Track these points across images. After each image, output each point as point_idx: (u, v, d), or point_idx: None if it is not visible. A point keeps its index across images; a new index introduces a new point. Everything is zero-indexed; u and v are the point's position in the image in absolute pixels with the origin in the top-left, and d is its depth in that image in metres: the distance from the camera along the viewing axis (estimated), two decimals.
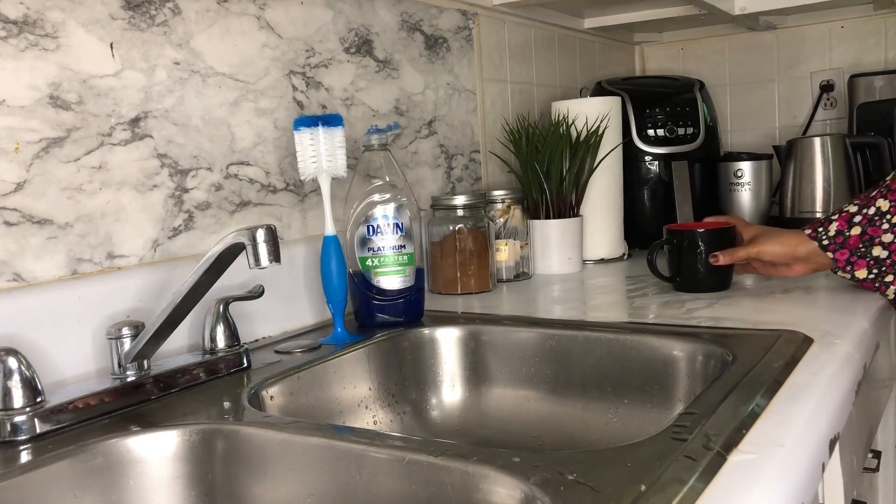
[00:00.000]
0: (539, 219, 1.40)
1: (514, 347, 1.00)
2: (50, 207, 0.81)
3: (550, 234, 1.40)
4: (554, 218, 1.40)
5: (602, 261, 1.53)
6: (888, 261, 0.97)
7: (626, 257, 1.56)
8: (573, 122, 1.42)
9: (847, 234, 1.00)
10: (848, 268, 1.00)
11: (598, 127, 1.42)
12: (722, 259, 1.11)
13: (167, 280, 0.89)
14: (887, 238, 0.97)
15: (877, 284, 0.99)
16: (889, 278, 0.98)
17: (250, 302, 0.92)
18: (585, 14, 1.89)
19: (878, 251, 0.97)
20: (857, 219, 0.99)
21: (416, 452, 0.62)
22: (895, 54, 1.92)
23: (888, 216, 0.97)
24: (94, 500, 0.68)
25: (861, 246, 0.98)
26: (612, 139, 1.49)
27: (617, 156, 1.54)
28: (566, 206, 1.40)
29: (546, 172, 1.38)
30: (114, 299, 0.85)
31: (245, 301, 0.90)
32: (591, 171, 1.43)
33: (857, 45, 1.96)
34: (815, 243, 1.02)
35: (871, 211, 0.98)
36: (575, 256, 1.41)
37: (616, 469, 0.56)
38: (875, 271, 0.98)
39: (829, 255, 1.01)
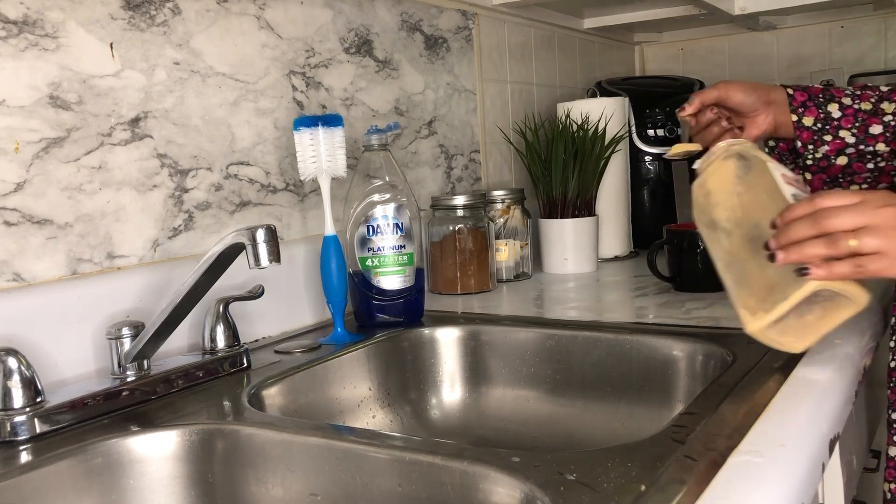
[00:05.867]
0: (556, 218, 1.40)
1: (514, 347, 1.00)
2: (50, 207, 0.81)
3: (566, 234, 1.40)
4: (570, 217, 1.40)
5: (616, 258, 1.54)
6: (835, 122, 0.94)
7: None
8: (585, 122, 1.42)
9: (812, 85, 0.98)
10: (801, 110, 0.95)
11: (608, 126, 1.43)
12: (688, 108, 0.97)
13: (167, 280, 0.89)
14: (846, 101, 0.94)
15: (815, 138, 0.94)
16: (827, 137, 0.94)
17: (250, 302, 0.92)
18: (585, 14, 1.89)
19: (833, 108, 0.94)
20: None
21: (416, 452, 0.62)
22: (895, 54, 1.93)
23: (853, 89, 0.96)
24: (94, 500, 0.68)
25: (820, 96, 0.95)
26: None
27: (624, 154, 1.55)
28: (581, 205, 1.40)
29: (561, 172, 1.38)
30: (114, 299, 0.85)
31: (245, 301, 0.90)
32: (603, 169, 1.43)
33: (857, 45, 1.96)
34: (783, 88, 0.97)
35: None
36: (591, 255, 1.42)
37: (616, 469, 0.56)
38: (820, 125, 0.94)
39: (789, 90, 0.96)
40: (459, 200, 1.25)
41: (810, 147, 0.95)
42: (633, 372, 0.93)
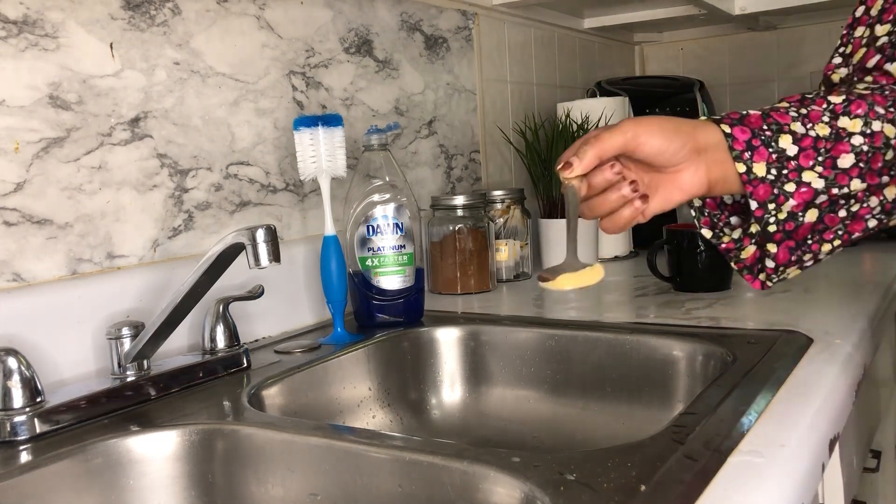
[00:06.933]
0: (556, 218, 1.40)
1: (514, 347, 1.00)
2: (50, 207, 0.81)
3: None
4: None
5: (616, 258, 1.53)
6: (793, 162, 0.66)
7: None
8: (585, 122, 1.41)
9: (747, 113, 0.68)
10: (747, 154, 0.66)
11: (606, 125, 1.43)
12: (577, 165, 0.66)
13: (167, 280, 0.89)
14: (797, 127, 0.67)
15: (775, 192, 0.66)
16: (790, 187, 0.67)
17: (250, 302, 0.92)
18: (585, 14, 1.89)
19: (785, 141, 0.66)
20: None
21: (416, 452, 0.62)
22: None
23: (793, 106, 0.69)
24: (94, 500, 0.68)
25: (765, 127, 0.67)
26: None
27: None
28: None
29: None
30: (114, 299, 0.85)
31: (245, 301, 0.90)
32: None
33: None
34: (715, 125, 0.67)
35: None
36: (591, 255, 1.41)
37: (616, 469, 0.56)
38: (776, 171, 0.66)
39: (724, 126, 0.67)
40: (459, 200, 1.25)
41: (771, 207, 0.67)
42: (633, 372, 0.93)
